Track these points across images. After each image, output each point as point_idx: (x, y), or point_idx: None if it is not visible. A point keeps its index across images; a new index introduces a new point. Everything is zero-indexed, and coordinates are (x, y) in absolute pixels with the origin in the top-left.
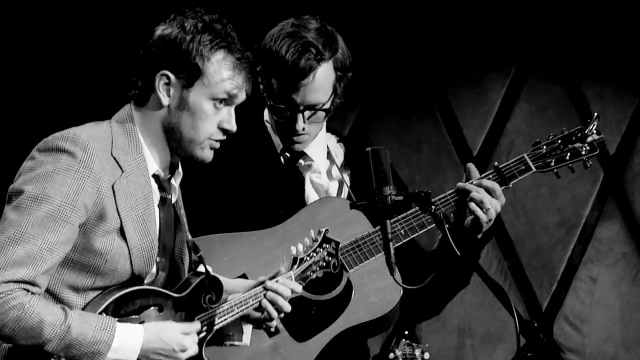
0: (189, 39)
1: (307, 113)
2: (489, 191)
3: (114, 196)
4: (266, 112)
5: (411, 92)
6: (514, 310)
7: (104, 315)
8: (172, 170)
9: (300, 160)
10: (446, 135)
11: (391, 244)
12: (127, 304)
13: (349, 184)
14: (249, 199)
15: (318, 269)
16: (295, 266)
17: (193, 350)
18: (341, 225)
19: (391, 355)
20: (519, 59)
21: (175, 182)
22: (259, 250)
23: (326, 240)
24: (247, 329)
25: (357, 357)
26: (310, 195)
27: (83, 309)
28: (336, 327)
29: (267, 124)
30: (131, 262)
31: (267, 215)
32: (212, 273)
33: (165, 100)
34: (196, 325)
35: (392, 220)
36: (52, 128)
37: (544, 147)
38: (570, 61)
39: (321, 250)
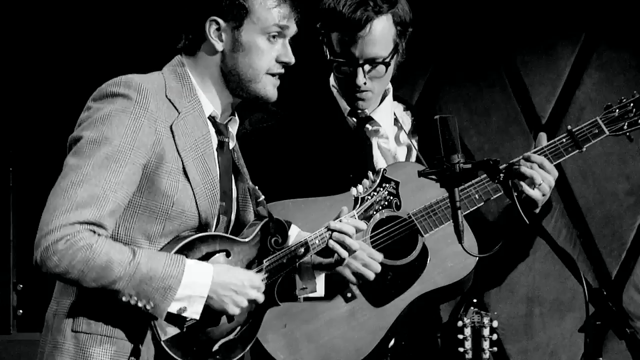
0: None
1: (366, 67)
2: (539, 166)
3: (173, 137)
4: (332, 77)
5: (480, 59)
6: (583, 278)
7: (173, 253)
8: (230, 115)
9: (367, 125)
10: (515, 103)
11: (459, 212)
12: (194, 251)
13: (417, 149)
14: (318, 163)
15: (380, 208)
16: (358, 206)
17: (261, 290)
18: (415, 190)
19: (460, 323)
20: (589, 26)
21: (232, 129)
22: (333, 215)
23: (385, 179)
24: (320, 278)
25: (431, 323)
26: (379, 160)
27: None
28: (413, 292)
29: (333, 89)
30: (196, 202)
31: (337, 180)
32: (275, 216)
33: (219, 46)
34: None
35: (467, 185)
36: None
37: (617, 110)
38: None
39: (381, 189)
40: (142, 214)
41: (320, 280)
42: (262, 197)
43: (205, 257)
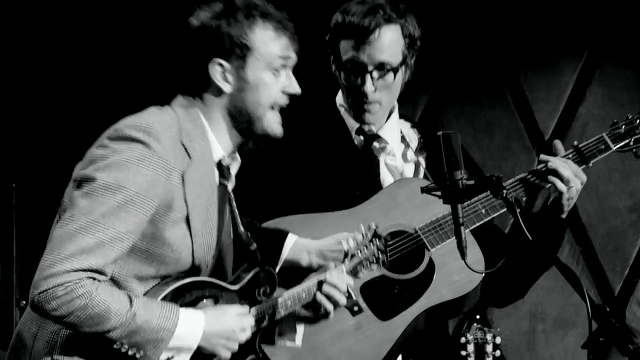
0: (225, 22)
1: (375, 74)
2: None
3: (183, 186)
4: (339, 96)
5: (483, 76)
6: (586, 294)
7: (168, 302)
8: (233, 156)
9: (375, 143)
10: (518, 120)
11: (462, 228)
12: (183, 295)
13: (424, 166)
14: (325, 181)
15: (368, 264)
16: (347, 260)
17: (250, 332)
18: (422, 205)
19: (463, 339)
20: (592, 42)
21: (233, 170)
22: (340, 230)
23: (376, 236)
24: (300, 329)
25: (439, 339)
26: (385, 177)
27: None
28: (419, 306)
29: (340, 107)
30: (193, 251)
31: (344, 197)
32: (266, 266)
33: (226, 87)
34: (247, 308)
35: (473, 199)
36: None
37: (623, 126)
38: None
39: (371, 245)
40: (139, 256)
41: (300, 332)
42: (255, 245)
43: (195, 302)
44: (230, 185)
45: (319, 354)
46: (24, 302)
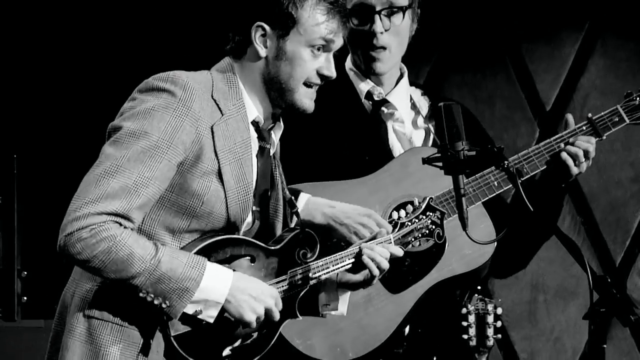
0: None
1: (384, 13)
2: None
3: (213, 137)
4: (348, 60)
5: (484, 47)
6: (587, 265)
7: (196, 255)
8: (273, 121)
9: (383, 108)
10: (519, 90)
11: (464, 199)
12: (218, 252)
13: (434, 134)
14: (333, 146)
15: (420, 235)
16: (396, 230)
17: (279, 301)
18: (433, 175)
19: (464, 310)
20: (593, 14)
21: (275, 135)
22: (351, 199)
23: (430, 208)
24: (344, 297)
25: (449, 310)
26: (394, 143)
27: None
28: (430, 279)
29: (350, 71)
30: (227, 205)
31: (353, 162)
32: (306, 229)
33: (262, 52)
34: (282, 283)
35: (486, 171)
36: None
37: (637, 98)
38: None
39: (424, 217)
40: (170, 208)
41: (344, 299)
42: (297, 207)
43: (229, 260)
44: (273, 150)
45: (328, 327)
46: (25, 272)
